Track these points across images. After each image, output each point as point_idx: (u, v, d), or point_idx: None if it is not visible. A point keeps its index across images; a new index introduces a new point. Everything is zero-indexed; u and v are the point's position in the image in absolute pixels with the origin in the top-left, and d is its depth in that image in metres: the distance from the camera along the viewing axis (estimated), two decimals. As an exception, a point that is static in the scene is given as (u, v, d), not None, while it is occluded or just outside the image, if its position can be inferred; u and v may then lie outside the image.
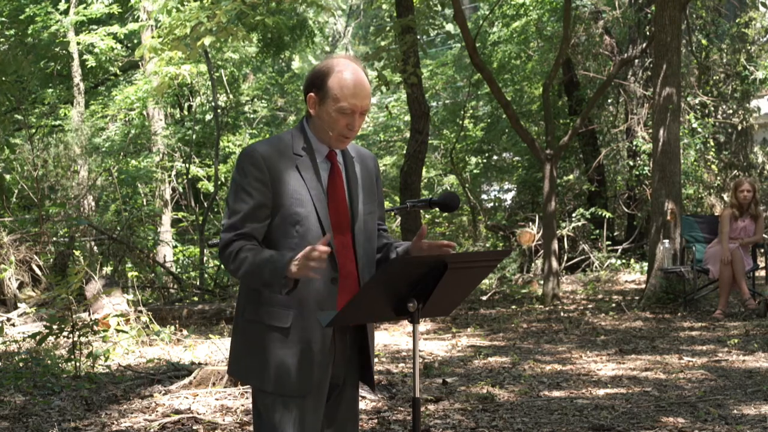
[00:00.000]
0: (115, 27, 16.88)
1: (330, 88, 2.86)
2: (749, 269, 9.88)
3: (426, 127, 12.52)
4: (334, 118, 2.86)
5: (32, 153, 13.25)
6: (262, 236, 2.88)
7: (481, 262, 2.95)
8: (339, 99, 2.85)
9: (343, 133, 2.89)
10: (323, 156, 2.94)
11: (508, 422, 5.36)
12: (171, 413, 5.63)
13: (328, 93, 2.86)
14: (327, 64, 2.91)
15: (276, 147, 2.90)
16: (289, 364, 2.83)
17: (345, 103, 2.85)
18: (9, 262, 10.83)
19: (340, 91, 2.84)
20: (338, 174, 2.95)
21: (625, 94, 16.42)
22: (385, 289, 2.72)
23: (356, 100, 2.86)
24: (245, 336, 2.92)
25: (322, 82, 2.87)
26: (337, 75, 2.86)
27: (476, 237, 17.05)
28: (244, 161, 2.87)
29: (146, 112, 17.45)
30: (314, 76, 2.91)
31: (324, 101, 2.87)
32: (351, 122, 2.87)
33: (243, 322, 2.93)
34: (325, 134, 2.91)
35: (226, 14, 10.08)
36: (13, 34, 16.82)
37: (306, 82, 2.95)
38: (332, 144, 2.92)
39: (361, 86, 2.87)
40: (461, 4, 11.79)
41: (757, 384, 6.23)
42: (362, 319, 2.89)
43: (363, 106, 2.88)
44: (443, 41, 22.07)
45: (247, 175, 2.85)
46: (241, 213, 2.84)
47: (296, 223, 2.85)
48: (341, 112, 2.85)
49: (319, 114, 2.89)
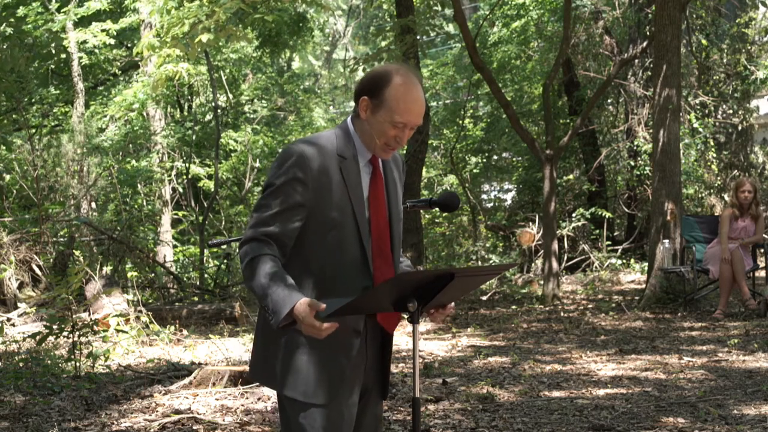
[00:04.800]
0: (108, 23, 16.85)
1: (387, 98, 2.76)
2: (749, 269, 9.88)
3: (426, 127, 12.54)
4: (384, 129, 2.78)
5: (32, 153, 13.25)
6: (293, 240, 2.76)
7: (488, 273, 2.97)
8: (394, 111, 2.76)
9: (390, 143, 2.81)
10: (366, 160, 2.86)
11: (508, 422, 5.35)
12: (171, 413, 5.63)
13: (383, 102, 2.77)
14: (386, 70, 2.82)
15: (320, 147, 2.79)
16: (318, 370, 2.74)
17: (399, 117, 2.76)
18: (9, 262, 10.83)
19: (396, 104, 2.75)
20: (380, 179, 2.88)
21: (625, 94, 16.42)
22: (391, 292, 2.73)
23: (411, 117, 2.77)
24: (272, 341, 2.80)
25: (380, 89, 2.77)
26: (396, 86, 2.77)
27: (476, 237, 17.05)
28: (286, 159, 2.76)
29: (146, 112, 17.45)
30: (371, 80, 2.81)
31: (378, 109, 2.78)
32: (401, 136, 2.80)
33: (269, 327, 2.77)
34: (371, 140, 2.82)
35: (225, 12, 10.07)
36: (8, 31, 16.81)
37: (361, 84, 2.84)
38: (376, 151, 2.84)
39: (418, 102, 2.79)
40: (461, 4, 11.79)
41: (757, 384, 6.23)
42: (361, 312, 2.85)
43: (416, 122, 2.81)
44: (443, 41, 22.07)
45: (287, 173, 2.73)
46: (274, 210, 2.73)
47: (333, 228, 2.76)
48: (393, 124, 2.78)
49: (370, 120, 2.80)
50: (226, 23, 10.35)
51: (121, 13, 17.67)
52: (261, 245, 2.72)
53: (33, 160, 13.15)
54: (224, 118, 18.96)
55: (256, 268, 2.69)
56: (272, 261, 2.70)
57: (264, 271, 2.68)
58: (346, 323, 2.74)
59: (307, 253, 2.77)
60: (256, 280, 2.68)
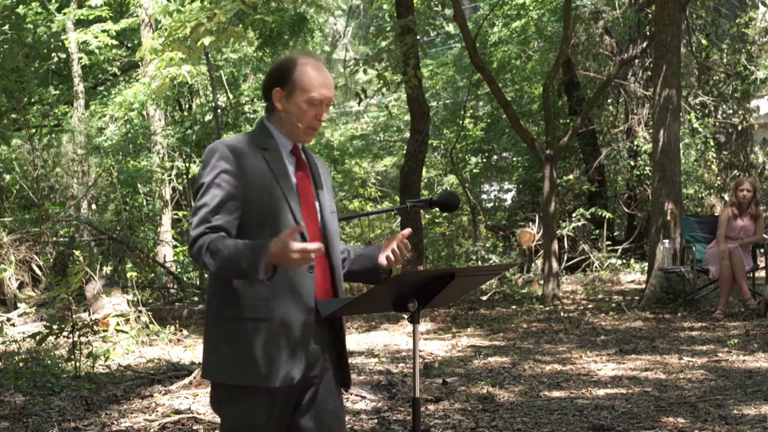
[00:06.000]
0: (108, 24, 16.86)
1: (297, 80, 2.87)
2: (749, 269, 9.88)
3: (426, 127, 12.52)
4: (303, 110, 2.88)
5: (32, 153, 13.25)
6: (235, 231, 2.81)
7: (487, 273, 2.98)
8: (309, 90, 2.86)
9: (311, 124, 2.90)
10: (288, 151, 2.94)
11: (508, 422, 5.35)
12: (171, 413, 5.63)
13: (295, 85, 2.87)
14: (289, 58, 2.93)
15: (242, 141, 2.89)
16: (274, 354, 2.78)
17: (315, 93, 2.87)
18: (9, 262, 10.83)
19: (309, 82, 2.87)
20: (305, 168, 2.96)
21: (625, 94, 16.42)
22: (390, 291, 2.74)
23: (325, 90, 2.88)
24: (225, 334, 2.83)
25: (288, 75, 2.89)
26: (303, 67, 2.88)
27: (476, 237, 17.05)
28: (211, 156, 2.84)
29: (146, 112, 17.46)
30: (277, 71, 2.92)
31: (291, 94, 2.88)
32: (320, 113, 2.89)
33: (221, 321, 2.84)
34: (292, 127, 2.91)
35: (225, 14, 10.08)
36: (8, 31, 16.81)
37: (268, 79, 2.94)
38: (300, 137, 2.92)
39: (327, 77, 2.91)
40: (461, 4, 11.79)
41: (757, 384, 6.23)
42: (361, 311, 2.90)
43: (330, 96, 2.90)
44: (443, 41, 22.07)
45: (215, 168, 2.82)
46: (212, 205, 2.78)
47: (269, 215, 2.82)
48: (311, 103, 2.87)
49: (287, 108, 2.90)
50: (227, 24, 10.35)
51: (121, 14, 17.68)
52: (210, 235, 2.76)
53: (33, 160, 13.15)
54: (224, 118, 18.96)
55: (214, 249, 2.73)
56: (225, 236, 2.75)
57: (224, 245, 2.72)
58: (300, 300, 2.79)
59: None
60: (219, 256, 2.71)
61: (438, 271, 2.75)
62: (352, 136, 21.17)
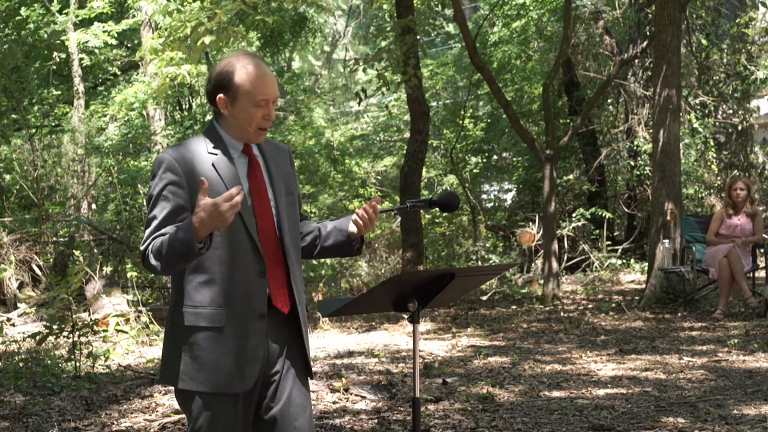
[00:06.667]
0: (109, 24, 16.86)
1: (239, 85, 2.85)
2: (749, 269, 9.88)
3: (426, 127, 12.52)
4: (251, 113, 2.86)
5: (32, 153, 13.24)
6: None
7: (487, 273, 2.99)
8: (253, 94, 2.84)
9: (261, 125, 2.89)
10: (239, 151, 2.93)
11: (508, 422, 5.36)
12: (171, 413, 5.63)
13: (238, 90, 2.85)
14: (227, 63, 2.90)
15: (188, 149, 2.88)
16: (223, 362, 2.80)
17: (260, 95, 2.85)
18: (9, 262, 10.83)
19: (251, 86, 2.85)
20: (257, 166, 2.94)
21: (625, 94, 16.42)
22: (390, 291, 2.74)
23: (269, 90, 2.87)
24: (176, 340, 2.86)
25: (229, 81, 2.86)
26: (242, 71, 2.86)
27: (476, 237, 17.04)
28: (157, 168, 2.84)
29: (146, 112, 17.46)
30: (218, 78, 2.89)
31: (235, 100, 2.86)
32: (267, 113, 2.88)
33: (173, 327, 2.87)
34: (242, 131, 2.90)
35: (226, 14, 10.07)
36: (9, 33, 16.83)
37: (210, 86, 2.91)
38: (251, 139, 2.91)
39: (268, 76, 2.88)
40: (461, 4, 11.79)
41: (757, 384, 6.23)
42: (361, 311, 2.91)
43: (274, 94, 2.88)
44: (443, 41, 22.07)
45: (162, 180, 2.82)
46: (159, 219, 2.81)
47: None
48: (256, 105, 2.85)
49: (233, 113, 2.88)
50: (227, 24, 10.35)
51: (122, 14, 17.68)
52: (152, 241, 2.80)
53: (33, 160, 13.15)
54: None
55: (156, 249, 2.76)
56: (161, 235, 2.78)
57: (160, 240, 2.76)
58: (250, 307, 2.81)
59: None
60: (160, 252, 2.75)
61: (438, 271, 2.76)
62: (352, 136, 21.15)
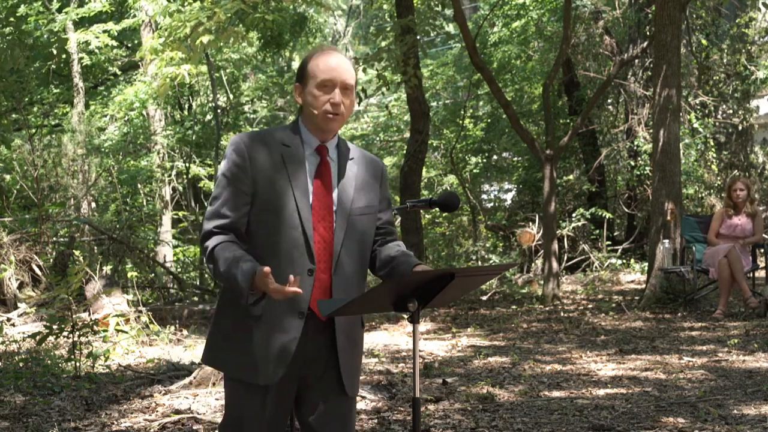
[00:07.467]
0: (109, 24, 16.87)
1: (309, 70, 2.90)
2: (749, 269, 9.88)
3: (426, 127, 12.52)
4: (316, 96, 2.87)
5: (32, 153, 13.24)
6: (245, 226, 2.88)
7: (488, 273, 2.98)
8: (317, 75, 2.87)
9: (326, 109, 2.87)
10: (312, 149, 2.93)
11: (508, 422, 5.35)
12: (171, 413, 5.63)
13: (307, 75, 2.90)
14: (307, 55, 2.98)
15: (263, 136, 2.92)
16: (257, 353, 2.84)
17: (323, 75, 2.86)
18: (9, 262, 10.82)
19: (317, 68, 2.88)
20: (326, 167, 2.93)
21: (625, 94, 16.42)
22: (390, 291, 2.74)
23: (335, 73, 2.86)
24: (219, 326, 2.95)
25: (303, 69, 2.92)
26: (314, 58, 2.91)
27: (476, 237, 17.05)
28: (229, 148, 2.90)
29: (146, 112, 17.46)
30: (298, 69, 2.96)
31: (305, 84, 2.91)
32: (334, 98, 2.86)
33: (217, 314, 2.97)
34: (313, 119, 2.90)
35: (225, 13, 10.07)
36: (9, 32, 16.83)
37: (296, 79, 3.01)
38: (320, 124, 2.90)
39: (338, 60, 2.88)
40: (461, 4, 11.79)
41: (757, 384, 6.23)
42: (361, 311, 2.90)
43: (342, 79, 2.87)
44: (443, 41, 22.07)
45: (228, 161, 2.88)
46: (221, 199, 2.86)
47: (274, 212, 2.84)
48: (321, 86, 2.86)
49: (305, 100, 2.91)
50: (227, 24, 10.35)
51: (122, 14, 17.68)
52: (217, 237, 2.85)
53: (33, 160, 13.14)
54: (224, 119, 18.96)
55: (216, 261, 2.81)
56: (228, 246, 2.82)
57: (224, 258, 2.79)
58: (291, 304, 2.83)
59: (253, 238, 2.87)
60: (217, 271, 2.81)
61: (438, 271, 2.75)
62: (352, 137, 21.16)
